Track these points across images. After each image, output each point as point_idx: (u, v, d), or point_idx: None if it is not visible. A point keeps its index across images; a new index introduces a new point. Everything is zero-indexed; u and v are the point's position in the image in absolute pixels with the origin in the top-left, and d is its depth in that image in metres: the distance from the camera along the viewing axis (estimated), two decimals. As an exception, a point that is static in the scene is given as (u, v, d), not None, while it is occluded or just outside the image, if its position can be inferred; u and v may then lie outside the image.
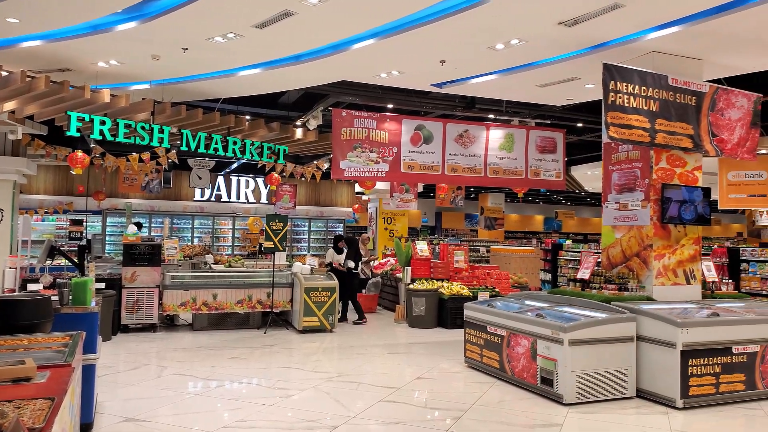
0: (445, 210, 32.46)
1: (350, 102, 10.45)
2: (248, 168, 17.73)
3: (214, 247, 17.62)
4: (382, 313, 11.89)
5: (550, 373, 5.75)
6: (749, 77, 9.03)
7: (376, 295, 12.00)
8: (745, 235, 35.67)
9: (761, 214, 23.82)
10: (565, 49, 7.02)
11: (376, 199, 18.76)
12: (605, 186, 7.45)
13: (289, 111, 11.98)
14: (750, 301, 7.21)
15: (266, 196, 18.55)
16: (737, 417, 5.43)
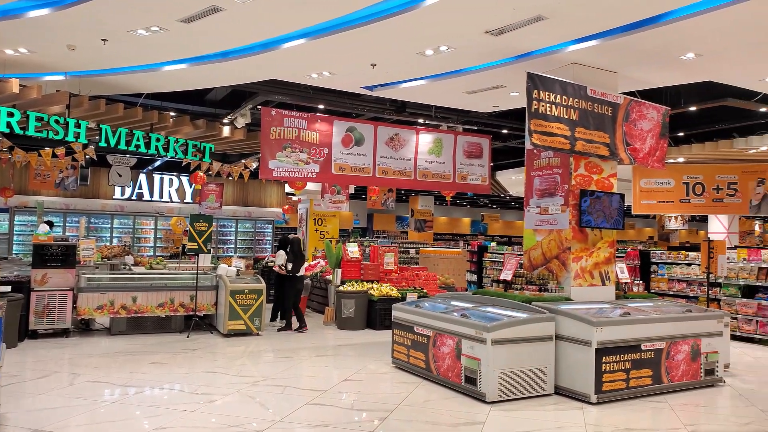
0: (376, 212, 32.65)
1: (280, 101, 10.32)
2: (172, 166, 17.13)
3: (135, 248, 16.87)
4: (311, 315, 11.79)
5: (473, 372, 5.90)
6: (659, 91, 9.66)
7: (305, 297, 11.87)
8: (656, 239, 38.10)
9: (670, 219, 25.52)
10: (492, 57, 7.23)
11: (306, 200, 18.59)
12: (527, 191, 7.73)
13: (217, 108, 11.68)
14: (658, 301, 7.70)
15: (191, 195, 17.97)
16: (645, 410, 5.77)
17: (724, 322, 7.10)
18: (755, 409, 5.91)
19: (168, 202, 17.76)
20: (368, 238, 26.91)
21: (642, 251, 12.46)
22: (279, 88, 9.70)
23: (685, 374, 6.49)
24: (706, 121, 11.86)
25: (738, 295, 10.20)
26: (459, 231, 36.49)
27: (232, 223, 18.93)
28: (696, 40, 6.50)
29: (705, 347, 6.67)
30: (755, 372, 7.69)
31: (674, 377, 6.39)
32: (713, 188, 13.32)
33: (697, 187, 13.41)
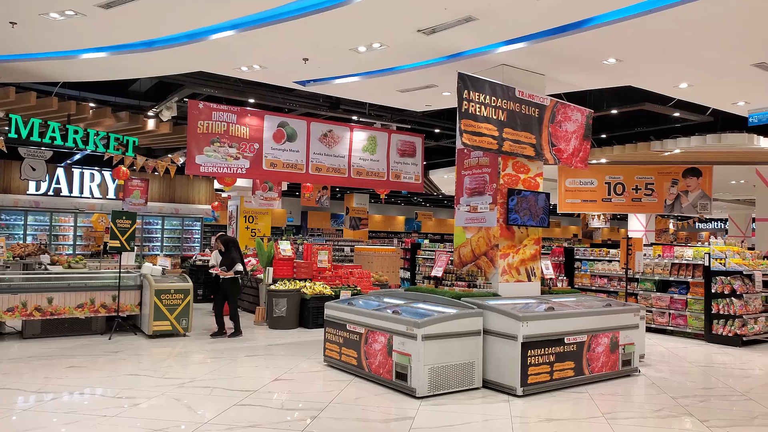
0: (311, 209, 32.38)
1: (209, 94, 10.01)
2: (93, 160, 16.27)
3: (53, 247, 15.92)
4: (241, 314, 11.51)
5: (404, 368, 5.94)
6: (584, 94, 10.08)
7: (236, 296, 11.60)
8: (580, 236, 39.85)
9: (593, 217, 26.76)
10: (424, 56, 7.30)
11: (237, 197, 18.15)
12: (458, 189, 7.87)
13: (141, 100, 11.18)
14: (581, 296, 8.03)
15: (114, 191, 17.15)
16: (567, 401, 6.01)
17: (640, 315, 7.50)
18: (667, 396, 6.27)
19: (89, 198, 16.87)
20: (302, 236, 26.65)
21: (566, 248, 12.96)
22: (207, 80, 9.41)
23: (604, 365, 6.80)
24: (627, 124, 12.50)
25: (653, 289, 10.80)
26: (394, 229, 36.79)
27: (159, 221, 18.24)
28: (617, 46, 6.82)
29: (623, 339, 7.02)
30: (667, 362, 8.17)
31: (594, 369, 6.69)
32: (632, 188, 14.05)
33: (618, 187, 14.11)
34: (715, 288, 9.69)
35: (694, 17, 5.86)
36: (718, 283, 9.68)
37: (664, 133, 12.25)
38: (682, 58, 7.16)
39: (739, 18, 5.85)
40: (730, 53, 6.89)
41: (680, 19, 5.89)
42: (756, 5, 5.53)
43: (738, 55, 6.97)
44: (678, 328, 10.26)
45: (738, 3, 5.50)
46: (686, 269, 10.34)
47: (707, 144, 11.22)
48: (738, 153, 12.02)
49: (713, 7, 5.59)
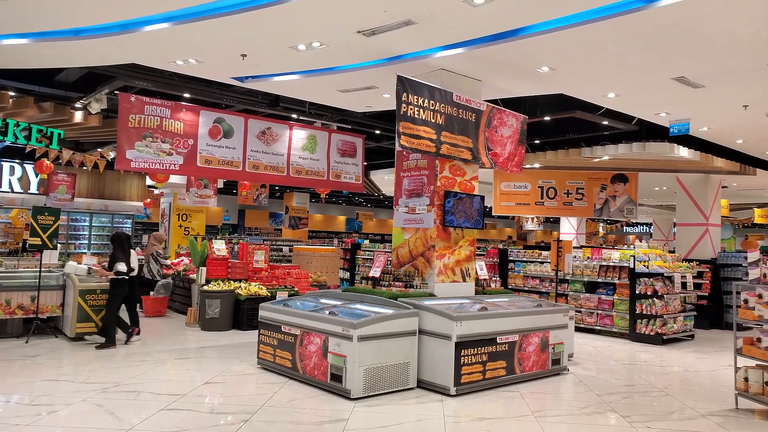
0: (248, 208, 31.75)
1: (142, 87, 9.62)
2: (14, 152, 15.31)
3: (-34, 244, 14.87)
4: (172, 316, 11.16)
5: (339, 369, 5.91)
6: (519, 100, 10.36)
7: (167, 297, 11.23)
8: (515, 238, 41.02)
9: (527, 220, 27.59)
10: (365, 57, 7.30)
11: (170, 194, 17.55)
12: (397, 190, 7.91)
13: (68, 91, 10.61)
14: (513, 297, 8.25)
15: (36, 185, 16.21)
16: (499, 399, 6.15)
17: (569, 315, 7.78)
18: (593, 394, 6.53)
19: (8, 192, 15.86)
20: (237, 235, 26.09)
21: (501, 250, 13.30)
22: (140, 73, 9.05)
23: (535, 365, 7.01)
24: (559, 130, 12.94)
25: (582, 290, 11.24)
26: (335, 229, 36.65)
27: (86, 217, 17.40)
28: (550, 55, 7.04)
29: (553, 339, 7.26)
30: (594, 360, 8.51)
31: (525, 368, 6.88)
32: (564, 192, 14.56)
33: (551, 191, 14.59)
34: (639, 289, 10.19)
35: (620, 31, 6.13)
36: (642, 284, 10.18)
37: (594, 141, 12.77)
38: (609, 70, 7.48)
39: (661, 34, 6.17)
40: (653, 67, 7.26)
41: (607, 32, 6.15)
42: (676, 23, 5.85)
43: (660, 69, 7.35)
44: (605, 327, 10.72)
45: (660, 20, 5.79)
46: (613, 271, 10.82)
47: (633, 152, 11.77)
48: (661, 161, 12.69)
49: (637, 23, 5.86)
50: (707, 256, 13.38)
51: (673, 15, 5.65)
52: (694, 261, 12.61)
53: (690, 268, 11.31)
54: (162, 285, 11.12)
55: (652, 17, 5.72)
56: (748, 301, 6.12)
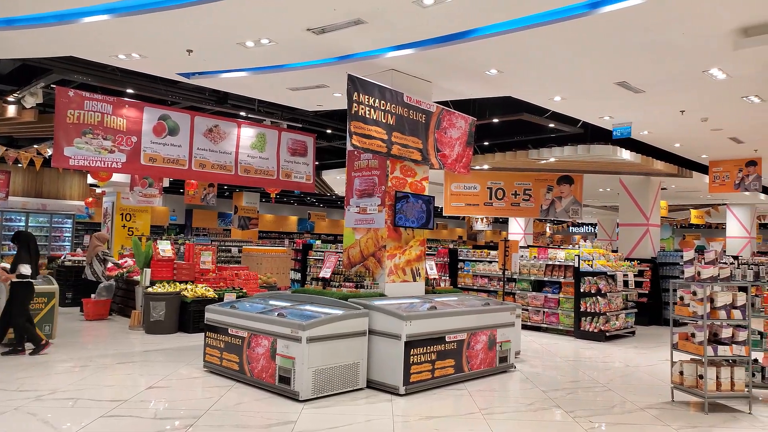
0: (196, 208, 31.00)
1: (82, 82, 9.23)
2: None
3: None
4: (115, 319, 10.77)
5: (287, 371, 5.83)
6: (469, 102, 10.50)
7: (109, 300, 10.83)
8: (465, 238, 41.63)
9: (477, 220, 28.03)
10: (315, 56, 7.23)
11: (113, 193, 16.91)
12: (348, 190, 7.88)
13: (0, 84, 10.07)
14: (462, 295, 8.34)
15: (-32, 183, 15.35)
16: (447, 398, 6.20)
17: (516, 313, 7.94)
18: (539, 390, 6.68)
19: (-64, 190, 14.98)
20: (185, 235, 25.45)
21: (451, 249, 13.45)
22: (79, 66, 8.67)
23: (483, 362, 7.11)
24: (507, 132, 13.19)
25: (529, 289, 11.49)
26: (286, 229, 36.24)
27: (22, 217, 16.60)
28: (498, 58, 7.16)
29: (500, 337, 7.38)
30: (541, 357, 8.71)
31: (474, 366, 6.97)
32: (512, 193, 14.85)
33: (499, 192, 14.86)
34: (584, 287, 10.50)
35: (564, 36, 6.29)
36: (586, 283, 10.49)
37: (540, 143, 13.08)
38: (555, 73, 7.67)
39: (603, 40, 6.37)
40: (597, 71, 7.49)
41: (553, 36, 6.30)
42: (617, 30, 6.05)
43: (603, 74, 7.59)
44: (551, 325, 10.99)
45: (602, 27, 5.98)
46: (559, 270, 11.11)
47: (578, 154, 12.12)
48: (604, 163, 13.11)
49: (581, 29, 6.03)
50: (648, 256, 13.92)
51: (614, 22, 5.84)
52: (635, 260, 13.10)
53: (631, 267, 11.74)
54: (104, 287, 10.71)
55: (594, 24, 5.89)
56: (684, 298, 6.39)
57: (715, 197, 20.73)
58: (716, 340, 6.11)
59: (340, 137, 14.16)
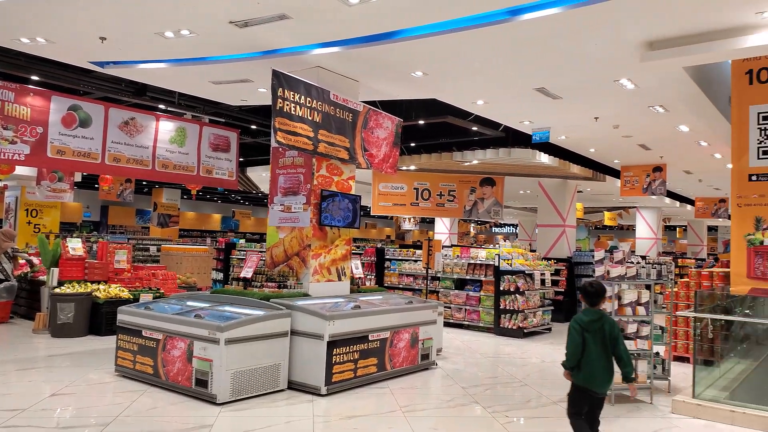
0: (112, 204, 29.50)
1: (-21, 66, 8.54)
2: None
3: None
4: (17, 322, 10.04)
5: (205, 374, 5.64)
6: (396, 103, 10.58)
7: (10, 302, 10.06)
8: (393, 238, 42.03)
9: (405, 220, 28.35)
10: (238, 49, 7.04)
11: (17, 187, 15.74)
12: (272, 188, 7.73)
13: None
14: (387, 294, 8.39)
15: None
16: (370, 396, 6.21)
17: (438, 311, 8.07)
18: (459, 387, 6.82)
19: None
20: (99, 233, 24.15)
21: (378, 249, 13.52)
22: (-23, 49, 8.02)
23: (405, 360, 7.18)
24: (433, 134, 13.43)
25: (452, 287, 11.73)
26: (209, 227, 35.19)
27: None
28: (423, 61, 7.25)
29: (422, 335, 7.48)
30: (462, 354, 8.91)
31: (396, 364, 7.02)
32: (437, 194, 15.13)
33: (425, 192, 15.09)
34: (503, 286, 10.83)
35: (487, 41, 6.46)
36: (506, 281, 10.83)
37: (464, 145, 13.40)
38: (478, 77, 7.86)
39: (523, 46, 6.60)
40: (517, 77, 7.74)
41: (476, 41, 6.46)
42: (536, 37, 6.28)
43: (523, 79, 7.86)
44: (473, 322, 11.27)
45: (522, 33, 6.18)
46: (480, 269, 11.41)
47: (499, 157, 12.52)
48: (524, 166, 13.61)
49: (502, 35, 6.22)
50: (564, 255, 14.57)
51: (533, 30, 6.06)
52: (552, 259, 13.68)
53: (548, 266, 12.24)
54: (4, 288, 9.94)
55: (515, 30, 6.08)
56: (594, 296, 6.71)
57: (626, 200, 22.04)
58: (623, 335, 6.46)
59: (266, 133, 13.90)
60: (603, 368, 4.29)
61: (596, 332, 4.30)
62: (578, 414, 4.36)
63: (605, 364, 4.30)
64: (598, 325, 4.32)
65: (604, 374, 4.30)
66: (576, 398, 4.38)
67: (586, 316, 4.38)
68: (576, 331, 4.31)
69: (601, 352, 4.29)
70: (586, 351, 4.28)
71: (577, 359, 4.30)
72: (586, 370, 4.29)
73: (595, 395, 4.31)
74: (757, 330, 8.48)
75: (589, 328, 4.31)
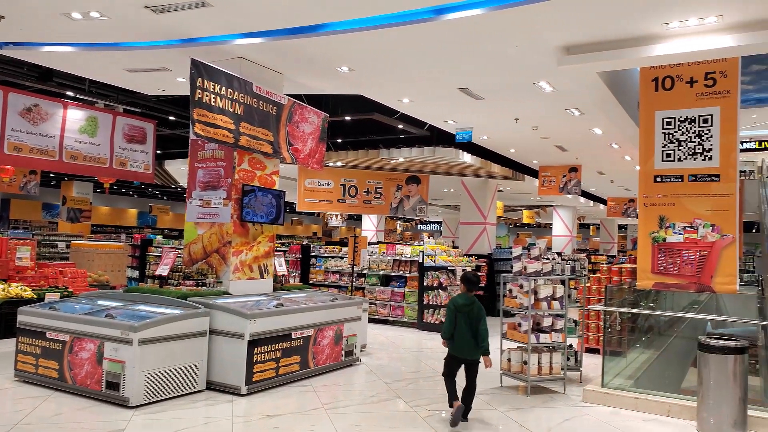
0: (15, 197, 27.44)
1: None
2: None
3: None
4: None
5: (117, 376, 5.36)
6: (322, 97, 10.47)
7: None
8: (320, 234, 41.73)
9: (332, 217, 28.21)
10: (155, 36, 6.70)
11: None
12: (191, 182, 7.44)
13: None
14: (311, 291, 8.29)
15: None
16: (292, 395, 6.11)
17: (363, 307, 8.07)
18: (382, 382, 6.85)
19: None
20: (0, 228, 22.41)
21: (303, 246, 13.37)
22: None
23: (329, 357, 7.12)
24: (360, 131, 13.41)
25: (378, 283, 11.78)
26: (124, 223, 33.52)
27: None
28: (349, 56, 7.20)
29: (347, 331, 7.45)
30: (386, 349, 8.96)
31: (319, 361, 6.96)
32: (364, 191, 15.14)
33: (352, 189, 15.06)
34: (427, 281, 11.00)
35: (413, 39, 6.50)
36: (429, 277, 11.00)
37: (391, 143, 13.48)
38: (403, 75, 7.91)
39: (448, 46, 6.69)
40: (442, 76, 7.85)
41: (402, 39, 6.49)
42: (459, 38, 6.39)
43: (447, 79, 7.98)
44: (397, 318, 11.37)
45: (445, 33, 6.27)
46: (405, 265, 11.53)
47: (424, 155, 12.69)
48: (448, 165, 13.88)
49: (428, 33, 6.28)
50: (485, 252, 14.99)
51: (457, 30, 6.15)
52: (473, 256, 14.03)
53: (470, 262, 12.54)
54: None
55: (439, 29, 6.15)
56: (512, 291, 6.95)
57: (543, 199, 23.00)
58: (539, 328, 6.72)
59: (185, 125, 13.37)
60: (469, 341, 5.39)
61: (466, 313, 5.40)
62: (450, 375, 5.49)
63: (471, 338, 5.39)
64: (468, 308, 5.42)
65: (470, 345, 5.40)
66: (449, 362, 5.52)
67: (460, 299, 5.50)
68: (451, 311, 5.46)
69: (468, 329, 5.39)
70: (457, 327, 5.40)
71: (451, 332, 5.42)
72: (457, 342, 5.42)
73: (465, 360, 5.44)
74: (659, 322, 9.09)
75: (461, 309, 5.41)
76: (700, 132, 6.53)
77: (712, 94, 6.48)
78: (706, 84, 6.52)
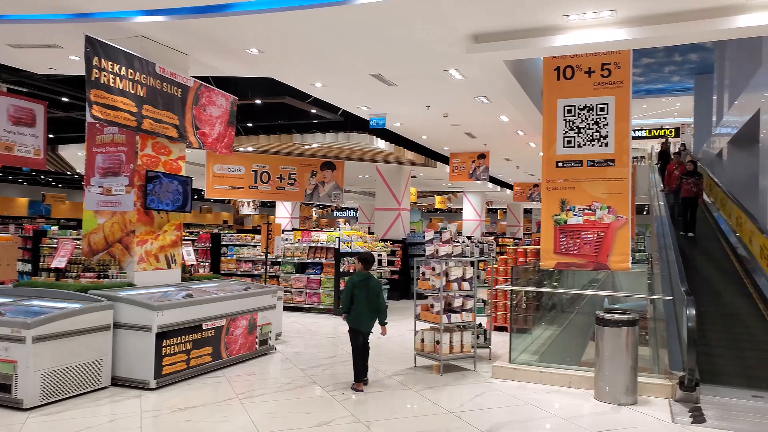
0: None
1: None
2: None
3: None
4: None
5: (7, 377, 4.97)
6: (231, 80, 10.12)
7: None
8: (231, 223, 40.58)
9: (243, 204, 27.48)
10: (42, 9, 6.17)
11: None
12: (89, 168, 6.98)
13: None
14: (222, 281, 8.06)
15: None
16: (204, 387, 5.93)
17: (277, 296, 7.96)
18: (297, 369, 6.80)
19: None
20: None
21: (213, 234, 12.95)
22: None
23: (242, 347, 6.98)
24: (272, 115, 13.12)
25: (293, 271, 11.65)
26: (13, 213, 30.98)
27: None
28: (259, 37, 7.00)
29: (261, 320, 7.32)
30: (302, 337, 8.90)
31: (233, 351, 6.80)
32: (277, 177, 14.84)
33: (264, 175, 14.73)
34: (343, 267, 11.01)
35: (324, 22, 6.42)
36: (345, 263, 11.02)
37: (304, 128, 13.31)
38: (316, 59, 7.80)
39: (359, 31, 6.67)
40: (354, 61, 7.83)
41: (313, 21, 6.39)
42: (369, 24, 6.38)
43: (360, 64, 7.97)
44: (314, 305, 11.32)
45: (355, 18, 6.24)
46: (321, 252, 11.48)
47: (339, 141, 12.64)
48: (363, 151, 13.91)
49: (339, 17, 6.22)
50: (399, 237, 15.22)
51: (368, 14, 6.14)
52: (389, 241, 14.21)
53: (385, 247, 12.70)
54: None
55: (350, 13, 6.12)
56: (425, 274, 7.11)
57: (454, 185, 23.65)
58: (450, 309, 6.93)
59: (80, 107, 12.49)
60: (366, 314, 5.97)
61: (363, 288, 5.95)
62: (355, 345, 6.02)
63: (368, 311, 5.96)
64: (364, 284, 5.97)
65: (367, 318, 5.99)
66: (351, 335, 6.06)
67: (357, 277, 6.04)
68: (348, 288, 6.00)
69: (366, 302, 5.94)
70: (355, 301, 5.95)
71: (348, 306, 5.99)
72: (354, 315, 5.99)
73: (362, 332, 6.00)
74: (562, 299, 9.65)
75: (357, 285, 5.96)
76: (598, 120, 6.94)
77: (607, 84, 6.90)
78: (602, 74, 6.93)
